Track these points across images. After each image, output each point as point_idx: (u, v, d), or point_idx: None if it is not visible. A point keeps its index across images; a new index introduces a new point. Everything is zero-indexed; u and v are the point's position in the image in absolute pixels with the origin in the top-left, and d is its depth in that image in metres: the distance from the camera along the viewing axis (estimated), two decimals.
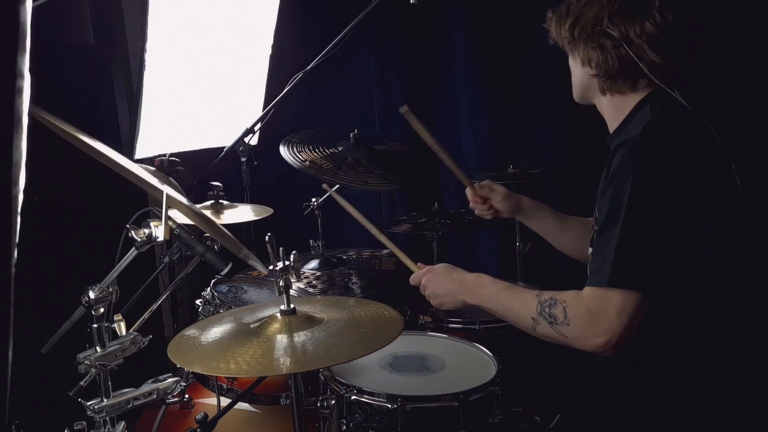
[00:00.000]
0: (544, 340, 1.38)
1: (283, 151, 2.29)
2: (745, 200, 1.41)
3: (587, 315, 1.29)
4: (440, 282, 1.56)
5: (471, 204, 1.91)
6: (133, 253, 1.40)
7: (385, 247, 2.78)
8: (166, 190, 1.32)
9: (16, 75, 0.62)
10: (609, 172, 1.38)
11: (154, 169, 1.51)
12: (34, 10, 0.65)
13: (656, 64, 1.37)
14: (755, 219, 1.45)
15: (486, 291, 1.48)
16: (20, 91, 0.63)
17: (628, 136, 1.39)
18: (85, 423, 1.36)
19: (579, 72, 1.49)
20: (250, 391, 1.90)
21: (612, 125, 1.50)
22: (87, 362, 1.34)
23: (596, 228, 1.42)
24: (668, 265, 1.28)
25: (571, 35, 1.44)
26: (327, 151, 2.39)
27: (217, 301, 2.15)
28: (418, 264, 1.67)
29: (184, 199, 1.38)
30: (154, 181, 1.32)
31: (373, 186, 2.28)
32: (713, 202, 1.33)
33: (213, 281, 2.27)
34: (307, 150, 2.33)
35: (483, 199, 1.89)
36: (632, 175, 1.28)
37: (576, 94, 1.56)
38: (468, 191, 1.90)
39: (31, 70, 0.64)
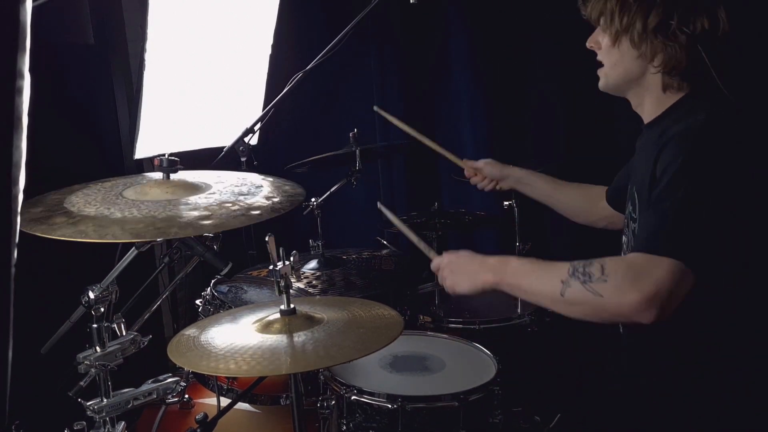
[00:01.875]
0: (569, 312, 1.29)
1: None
2: None
3: (629, 270, 1.22)
4: (462, 263, 1.48)
5: (471, 180, 2.03)
6: (133, 252, 1.41)
7: (384, 248, 2.79)
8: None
9: (16, 75, 0.62)
10: (659, 158, 1.34)
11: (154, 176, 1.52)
12: (34, 10, 0.65)
13: (717, 63, 1.36)
14: None
15: (510, 266, 1.39)
16: (20, 91, 0.63)
17: (679, 127, 1.36)
18: (85, 423, 1.36)
19: (631, 63, 1.43)
20: (250, 391, 1.90)
21: (650, 115, 1.47)
22: (87, 362, 1.34)
23: (636, 209, 1.42)
24: (718, 246, 1.26)
25: (639, 27, 1.38)
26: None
27: (217, 301, 2.15)
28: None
29: None
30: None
31: None
32: (759, 197, 1.33)
33: (213, 281, 2.27)
34: None
35: (475, 171, 2.00)
36: (691, 160, 1.27)
37: (613, 82, 1.49)
38: (464, 167, 2.03)
39: (31, 70, 0.64)
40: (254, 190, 1.45)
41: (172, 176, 1.44)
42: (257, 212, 1.33)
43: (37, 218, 1.27)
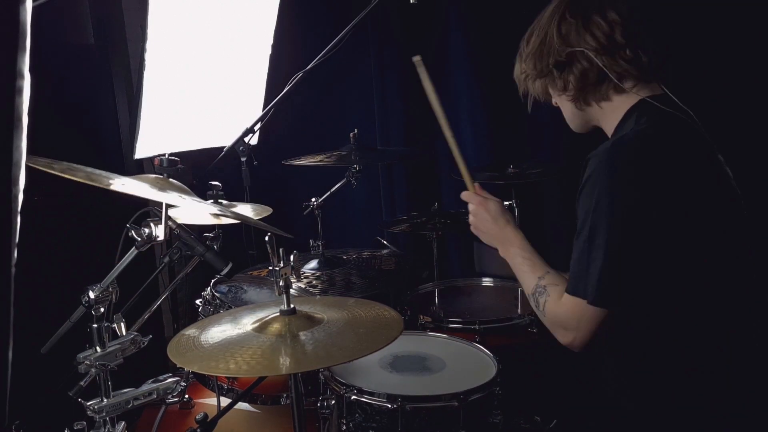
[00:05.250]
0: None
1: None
2: (744, 191, 1.41)
3: (556, 318, 1.40)
4: (485, 220, 1.65)
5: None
6: (133, 252, 1.41)
7: (384, 248, 2.79)
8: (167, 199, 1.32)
9: (16, 75, 0.62)
10: (581, 181, 1.37)
11: (153, 176, 1.51)
12: (34, 10, 0.65)
13: (623, 66, 1.38)
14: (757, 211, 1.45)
15: (511, 250, 1.58)
16: (20, 91, 0.63)
17: (606, 145, 1.37)
18: (85, 423, 1.36)
19: (564, 102, 1.51)
20: (250, 391, 1.90)
21: (609, 133, 1.49)
22: (87, 362, 1.34)
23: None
24: (647, 278, 1.29)
25: (539, 71, 1.48)
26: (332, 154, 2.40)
27: (217, 301, 2.15)
28: (476, 184, 1.75)
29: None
30: (150, 193, 1.32)
31: None
32: (698, 206, 1.33)
33: (213, 281, 2.27)
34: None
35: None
36: (604, 187, 1.28)
37: (575, 125, 1.57)
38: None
39: (31, 70, 0.64)
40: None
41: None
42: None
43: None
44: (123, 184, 1.33)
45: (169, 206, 1.46)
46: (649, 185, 1.28)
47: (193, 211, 2.07)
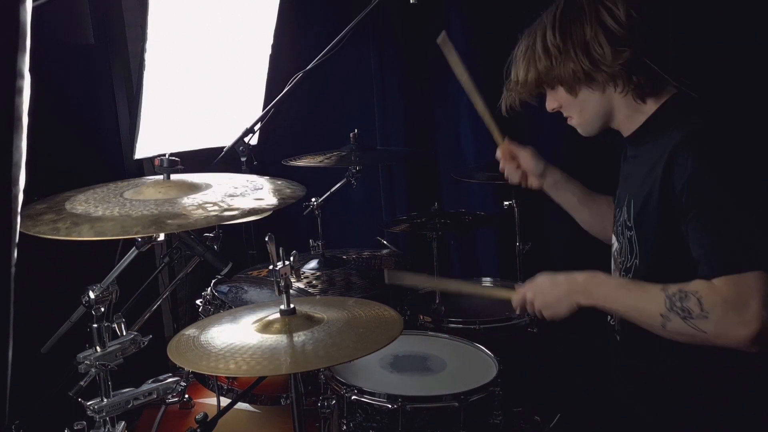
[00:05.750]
0: (676, 338, 1.28)
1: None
2: None
3: (726, 304, 1.19)
4: (548, 290, 1.45)
5: (501, 163, 1.85)
6: (133, 252, 1.41)
7: (384, 248, 2.79)
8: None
9: (16, 75, 0.62)
10: (671, 171, 1.33)
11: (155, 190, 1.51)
12: (34, 10, 0.65)
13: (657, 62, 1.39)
14: None
15: (603, 289, 1.38)
16: (20, 91, 0.63)
17: (678, 135, 1.35)
18: (85, 423, 1.36)
19: (595, 102, 1.48)
20: (250, 391, 1.90)
21: (630, 129, 1.50)
22: (87, 362, 1.33)
23: (632, 217, 1.44)
24: None
25: (582, 71, 1.42)
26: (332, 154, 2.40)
27: (217, 301, 2.15)
28: (515, 286, 1.56)
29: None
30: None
31: None
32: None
33: (213, 281, 2.27)
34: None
35: (512, 155, 1.84)
36: (720, 167, 1.29)
37: (591, 127, 1.53)
38: (500, 148, 1.85)
39: (31, 70, 0.64)
40: (249, 191, 1.42)
41: (174, 176, 1.43)
42: (232, 213, 1.27)
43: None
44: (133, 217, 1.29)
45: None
46: (747, 161, 1.31)
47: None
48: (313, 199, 2.46)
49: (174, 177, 1.43)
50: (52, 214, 1.27)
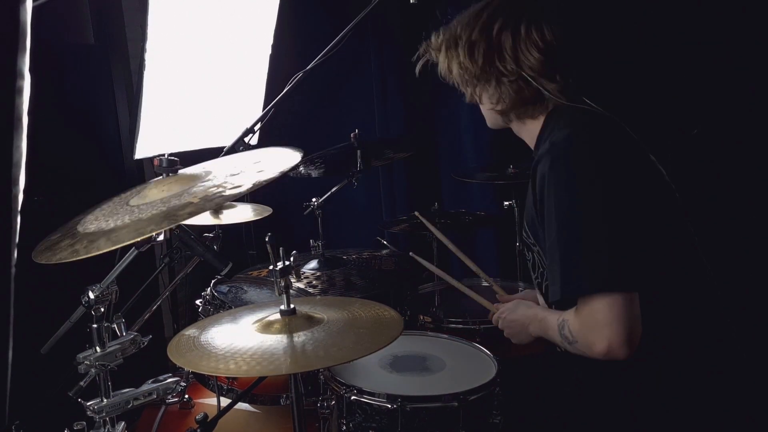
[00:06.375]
0: None
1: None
2: (677, 188, 1.43)
3: (582, 327, 1.31)
4: (511, 321, 1.60)
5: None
6: (133, 253, 1.40)
7: (384, 248, 2.79)
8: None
9: (16, 75, 0.62)
10: (535, 186, 1.37)
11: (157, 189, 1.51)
12: (34, 10, 0.65)
13: (553, 88, 1.39)
14: (692, 207, 1.47)
15: (534, 325, 1.51)
16: (20, 91, 0.63)
17: (542, 148, 1.38)
18: (85, 423, 1.36)
19: (490, 112, 1.53)
20: (250, 391, 1.90)
21: (531, 143, 1.52)
22: (87, 362, 1.33)
23: (535, 240, 1.45)
24: (634, 256, 1.27)
25: (478, 75, 1.45)
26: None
27: (217, 301, 2.15)
28: (495, 305, 1.70)
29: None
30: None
31: None
32: (644, 193, 1.35)
33: (213, 281, 2.27)
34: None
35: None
36: (567, 178, 1.29)
37: (490, 123, 1.59)
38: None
39: (31, 70, 0.64)
40: (250, 166, 1.42)
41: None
42: (239, 190, 1.26)
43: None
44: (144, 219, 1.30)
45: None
46: (607, 171, 1.30)
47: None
48: (314, 199, 2.46)
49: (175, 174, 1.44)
50: (67, 239, 1.28)
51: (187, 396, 2.32)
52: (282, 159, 1.41)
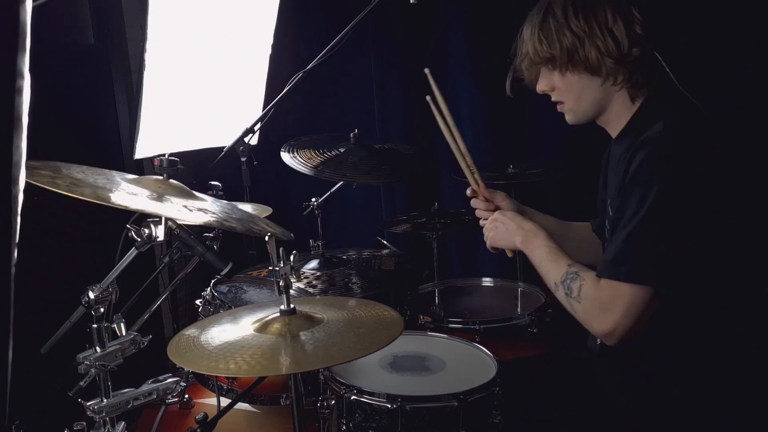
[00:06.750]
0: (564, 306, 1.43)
1: (286, 156, 2.31)
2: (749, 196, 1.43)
3: (597, 302, 1.35)
4: (503, 221, 1.61)
5: (473, 203, 1.80)
6: (133, 253, 1.40)
7: (384, 248, 2.79)
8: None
9: (16, 75, 0.62)
10: (628, 171, 1.37)
11: (154, 178, 1.50)
12: (34, 10, 0.65)
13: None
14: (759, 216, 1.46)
15: (533, 242, 1.53)
16: (20, 91, 0.63)
17: (642, 136, 1.37)
18: (85, 423, 1.36)
19: (595, 90, 1.46)
20: (250, 391, 1.90)
21: (617, 128, 1.50)
22: (87, 362, 1.33)
23: (610, 222, 1.45)
24: (683, 262, 1.30)
25: (593, 56, 1.40)
26: (329, 153, 2.40)
27: (217, 301, 2.15)
28: (485, 189, 1.72)
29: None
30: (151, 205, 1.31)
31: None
32: (728, 203, 1.35)
33: (213, 281, 2.27)
34: (309, 153, 2.35)
35: (487, 198, 1.81)
36: (657, 174, 1.30)
37: (583, 114, 1.52)
38: (474, 190, 1.79)
39: (31, 70, 0.64)
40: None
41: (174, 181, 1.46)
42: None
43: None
44: (131, 194, 1.32)
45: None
46: (702, 174, 1.31)
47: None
48: (313, 199, 2.46)
49: (173, 181, 1.45)
50: (49, 171, 1.27)
51: (187, 396, 2.31)
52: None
